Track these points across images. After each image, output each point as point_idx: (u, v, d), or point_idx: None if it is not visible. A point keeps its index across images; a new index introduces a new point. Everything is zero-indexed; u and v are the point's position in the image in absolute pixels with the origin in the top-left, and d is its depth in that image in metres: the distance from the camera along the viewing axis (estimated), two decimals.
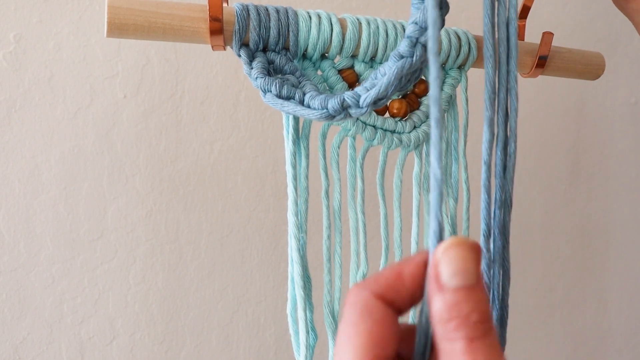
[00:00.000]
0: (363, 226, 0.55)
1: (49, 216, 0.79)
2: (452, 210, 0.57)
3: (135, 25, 0.41)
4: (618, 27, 1.07)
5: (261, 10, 0.45)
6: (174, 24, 0.42)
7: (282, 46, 0.46)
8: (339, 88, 0.51)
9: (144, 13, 0.41)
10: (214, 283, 0.89)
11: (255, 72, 0.45)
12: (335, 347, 0.29)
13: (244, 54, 0.45)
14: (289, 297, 0.54)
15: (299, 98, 0.45)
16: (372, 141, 0.53)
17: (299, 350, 0.53)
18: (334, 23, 0.48)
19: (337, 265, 0.55)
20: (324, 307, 0.54)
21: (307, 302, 0.53)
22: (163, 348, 0.87)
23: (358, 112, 0.42)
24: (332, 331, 0.54)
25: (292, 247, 0.52)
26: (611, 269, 1.23)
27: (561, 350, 1.19)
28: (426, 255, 0.29)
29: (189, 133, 0.85)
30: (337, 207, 0.54)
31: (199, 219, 0.87)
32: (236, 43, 0.45)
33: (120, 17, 0.41)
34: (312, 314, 0.54)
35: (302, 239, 0.52)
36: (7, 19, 0.76)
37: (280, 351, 0.94)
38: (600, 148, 1.19)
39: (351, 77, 0.52)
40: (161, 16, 0.42)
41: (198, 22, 0.43)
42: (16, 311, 0.79)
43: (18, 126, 0.77)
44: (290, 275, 0.53)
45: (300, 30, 0.46)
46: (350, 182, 0.54)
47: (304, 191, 0.52)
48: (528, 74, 0.58)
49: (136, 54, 0.82)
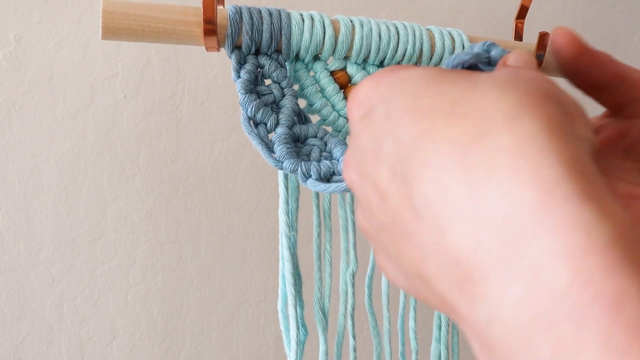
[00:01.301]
0: (352, 225, 0.56)
1: (49, 216, 0.80)
2: None
3: (129, 30, 0.41)
4: (618, 27, 1.06)
5: (254, 13, 0.45)
6: (167, 28, 0.42)
7: (274, 49, 0.46)
8: (331, 90, 0.51)
9: (138, 17, 0.42)
10: (214, 283, 0.89)
11: (239, 86, 0.45)
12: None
13: (234, 59, 0.45)
14: (279, 294, 0.55)
15: (269, 126, 0.47)
16: None
17: (290, 345, 0.55)
18: (326, 26, 0.48)
19: (327, 263, 0.56)
20: (314, 303, 0.56)
21: (297, 298, 0.54)
22: (163, 348, 0.87)
23: (305, 182, 0.45)
24: (323, 327, 0.55)
25: (283, 245, 0.53)
26: None
27: None
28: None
29: (189, 133, 0.85)
30: (327, 207, 0.55)
31: (199, 219, 0.87)
32: (228, 46, 0.45)
33: (115, 22, 0.41)
34: (303, 310, 0.55)
35: (292, 237, 0.53)
36: (7, 19, 0.76)
37: (280, 351, 0.94)
38: None
39: (343, 79, 0.52)
40: (155, 20, 0.42)
41: (192, 26, 0.43)
42: (16, 311, 0.79)
43: (18, 126, 0.77)
44: (281, 273, 0.55)
45: (292, 33, 0.46)
46: None
47: (294, 190, 0.53)
48: None
49: (136, 54, 0.82)
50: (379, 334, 0.59)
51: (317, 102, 0.51)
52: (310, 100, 0.52)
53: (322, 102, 0.51)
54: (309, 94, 0.51)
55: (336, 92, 0.52)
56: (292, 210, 0.53)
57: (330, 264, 0.56)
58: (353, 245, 0.56)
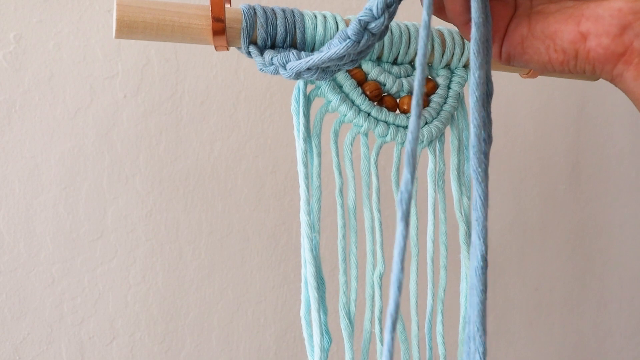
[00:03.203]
0: (379, 224, 0.54)
1: (49, 216, 0.79)
2: (466, 209, 0.56)
3: (144, 23, 0.41)
4: None
5: (267, 9, 0.46)
6: (182, 22, 0.42)
7: (289, 44, 0.46)
8: (348, 85, 0.51)
9: (152, 11, 0.41)
10: (214, 283, 0.89)
11: (270, 54, 0.45)
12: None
13: (254, 49, 0.45)
14: (302, 300, 0.53)
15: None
16: (384, 137, 0.53)
17: (313, 353, 0.52)
18: (339, 22, 0.48)
19: (353, 265, 0.53)
20: (339, 309, 0.53)
21: (320, 303, 0.52)
22: (163, 348, 0.86)
23: (378, 23, 0.40)
24: (349, 334, 0.53)
25: (305, 248, 0.51)
26: (611, 269, 1.23)
27: (561, 350, 1.19)
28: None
29: (189, 133, 0.85)
30: (352, 206, 0.53)
31: (199, 219, 0.87)
32: (244, 41, 0.45)
33: (130, 15, 0.41)
34: (326, 316, 0.53)
35: (314, 238, 0.51)
36: (7, 19, 0.76)
37: (280, 351, 0.93)
38: (600, 148, 1.19)
39: (359, 75, 0.52)
40: (170, 14, 0.42)
41: (207, 20, 0.43)
42: (16, 311, 0.78)
43: (18, 126, 0.77)
44: (303, 277, 0.52)
45: (306, 27, 0.46)
46: (364, 180, 0.53)
47: (316, 190, 0.52)
48: (527, 75, 0.58)
49: (136, 54, 0.82)
50: (407, 340, 0.57)
51: (334, 99, 0.51)
52: (327, 97, 0.51)
53: (340, 98, 0.51)
54: (326, 91, 0.51)
55: (354, 88, 0.52)
56: (313, 210, 0.52)
57: (356, 266, 0.53)
58: (380, 245, 0.54)
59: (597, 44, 0.37)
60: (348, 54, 0.42)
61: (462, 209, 0.56)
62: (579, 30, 0.37)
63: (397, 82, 0.53)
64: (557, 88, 1.12)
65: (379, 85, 0.52)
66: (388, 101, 0.53)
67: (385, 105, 0.53)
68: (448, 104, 0.55)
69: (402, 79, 0.53)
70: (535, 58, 0.40)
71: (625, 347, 1.26)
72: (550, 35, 0.38)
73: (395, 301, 0.30)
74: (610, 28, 0.37)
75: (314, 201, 0.52)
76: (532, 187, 1.13)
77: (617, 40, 0.37)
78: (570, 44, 0.38)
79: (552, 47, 0.39)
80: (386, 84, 0.53)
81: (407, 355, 0.56)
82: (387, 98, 0.53)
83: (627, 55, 0.37)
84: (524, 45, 0.40)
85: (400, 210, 0.31)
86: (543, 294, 1.16)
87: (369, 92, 0.52)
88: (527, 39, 0.39)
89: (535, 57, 0.40)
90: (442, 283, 0.57)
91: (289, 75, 0.44)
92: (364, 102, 0.52)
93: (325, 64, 0.42)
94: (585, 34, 0.37)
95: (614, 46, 0.37)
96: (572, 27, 0.38)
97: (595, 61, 0.38)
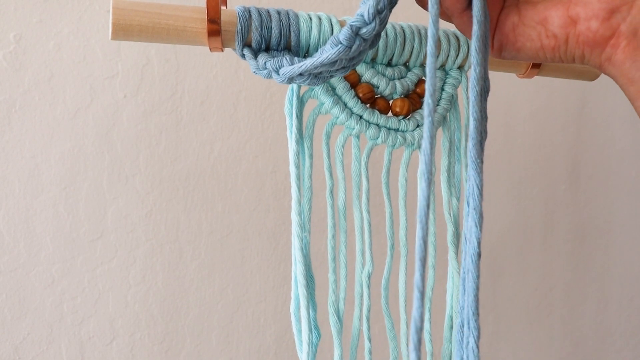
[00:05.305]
0: (368, 225, 0.55)
1: (49, 216, 0.79)
2: (455, 210, 0.57)
3: (140, 27, 0.41)
4: None
5: (262, 11, 0.46)
6: (177, 25, 0.43)
7: (283, 46, 0.46)
8: (342, 88, 0.52)
9: (148, 14, 0.42)
10: (214, 283, 0.89)
11: (263, 58, 0.45)
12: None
13: (248, 52, 0.45)
14: (292, 296, 0.55)
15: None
16: (376, 140, 0.53)
17: (302, 348, 0.54)
18: (334, 24, 0.48)
19: (342, 264, 0.55)
20: (328, 306, 0.55)
21: (310, 300, 0.53)
22: (163, 348, 0.87)
23: (369, 29, 0.41)
24: (337, 330, 0.54)
25: (295, 247, 0.52)
26: (611, 269, 1.23)
27: (561, 350, 1.19)
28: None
29: (189, 133, 0.85)
30: (342, 207, 0.54)
31: (199, 219, 0.87)
32: (239, 43, 0.45)
33: (126, 18, 0.41)
34: (315, 312, 0.55)
35: (305, 238, 0.53)
36: (7, 19, 0.76)
37: (280, 351, 0.94)
38: (600, 148, 1.19)
39: (353, 77, 0.52)
40: (165, 17, 0.42)
41: (202, 23, 0.43)
42: (16, 311, 0.79)
43: (18, 126, 0.77)
44: (293, 275, 0.54)
45: (301, 30, 0.46)
46: (355, 181, 0.54)
47: (307, 191, 0.53)
48: (524, 75, 0.58)
49: (136, 54, 0.82)
50: (395, 337, 0.58)
51: (327, 101, 0.51)
52: (320, 99, 0.52)
53: (332, 100, 0.51)
54: (320, 93, 0.51)
55: (347, 90, 0.52)
56: (304, 210, 0.53)
57: (345, 265, 0.55)
58: (369, 245, 0.55)
59: (587, 27, 0.38)
60: (340, 60, 0.42)
61: (451, 210, 0.57)
62: (569, 15, 0.39)
63: (390, 85, 0.53)
64: (557, 88, 1.12)
65: (372, 88, 0.53)
66: (380, 103, 0.54)
67: (378, 107, 0.53)
68: (441, 106, 0.55)
69: (396, 81, 0.53)
70: (528, 45, 0.41)
71: (625, 347, 1.26)
72: (541, 22, 0.40)
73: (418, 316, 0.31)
74: (599, 12, 0.38)
75: (305, 201, 0.53)
76: (532, 187, 1.13)
77: (606, 24, 0.38)
78: (561, 28, 0.39)
79: (544, 32, 0.40)
80: (379, 86, 0.53)
81: (396, 353, 0.58)
82: (380, 100, 0.54)
83: (614, 38, 0.38)
84: (515, 33, 0.41)
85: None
86: (543, 294, 1.16)
87: (361, 94, 0.52)
88: (518, 26, 0.41)
89: (527, 44, 0.41)
90: (431, 282, 0.59)
91: (281, 80, 0.44)
92: (356, 105, 0.52)
93: (318, 70, 0.43)
94: (574, 18, 0.39)
95: (602, 30, 0.38)
96: (562, 12, 0.39)
97: (584, 45, 0.39)
